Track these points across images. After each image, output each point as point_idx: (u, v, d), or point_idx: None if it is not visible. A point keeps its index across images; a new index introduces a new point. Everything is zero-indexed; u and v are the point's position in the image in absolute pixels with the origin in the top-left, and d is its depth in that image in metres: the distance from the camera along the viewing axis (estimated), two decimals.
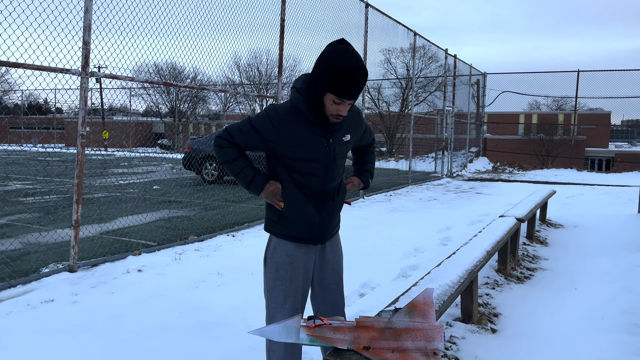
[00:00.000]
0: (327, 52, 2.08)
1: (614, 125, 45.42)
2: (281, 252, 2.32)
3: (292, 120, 2.19)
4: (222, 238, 6.16)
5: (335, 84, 2.05)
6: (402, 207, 9.23)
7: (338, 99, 2.09)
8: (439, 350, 1.90)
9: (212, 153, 11.91)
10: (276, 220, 2.32)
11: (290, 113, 2.20)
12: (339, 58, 2.04)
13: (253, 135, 2.22)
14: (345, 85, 2.05)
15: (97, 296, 4.04)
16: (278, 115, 2.18)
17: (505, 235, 4.60)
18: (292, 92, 2.23)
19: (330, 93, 2.08)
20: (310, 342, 1.99)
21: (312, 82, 2.12)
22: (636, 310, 3.96)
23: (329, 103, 2.12)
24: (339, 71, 2.02)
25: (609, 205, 10.15)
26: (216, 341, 3.27)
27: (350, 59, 2.03)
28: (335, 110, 2.13)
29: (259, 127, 2.20)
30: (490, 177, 16.47)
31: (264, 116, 2.20)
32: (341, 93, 2.06)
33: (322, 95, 2.10)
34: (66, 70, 4.42)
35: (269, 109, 2.22)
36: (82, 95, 4.55)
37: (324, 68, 2.06)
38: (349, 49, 2.06)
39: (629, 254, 5.84)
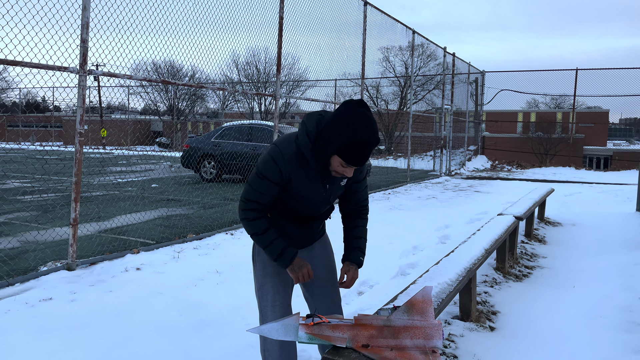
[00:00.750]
0: (347, 115, 2.00)
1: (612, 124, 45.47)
2: None
3: (296, 164, 2.15)
4: (221, 236, 6.16)
5: (348, 152, 2.00)
6: (400, 206, 9.23)
7: (346, 164, 2.06)
8: (437, 348, 1.90)
9: (210, 151, 11.90)
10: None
11: (296, 157, 2.14)
12: (358, 128, 1.96)
13: (271, 187, 2.17)
14: (358, 156, 2.01)
15: (95, 294, 4.04)
16: (284, 160, 2.13)
17: (503, 233, 4.60)
18: (301, 133, 2.13)
19: (339, 157, 2.04)
20: (308, 340, 1.99)
21: (324, 139, 2.05)
22: (634, 308, 3.97)
23: (335, 163, 2.08)
24: (355, 142, 1.98)
25: (607, 204, 10.17)
26: (215, 339, 3.27)
27: (369, 130, 1.97)
28: (341, 171, 2.10)
29: (271, 176, 2.14)
30: (488, 175, 16.48)
31: (271, 163, 2.13)
32: (350, 161, 2.03)
33: (330, 156, 2.06)
34: (64, 68, 4.41)
35: (275, 154, 2.13)
36: (80, 93, 4.54)
37: (340, 133, 1.99)
38: (367, 117, 1.99)
39: (627, 252, 5.85)
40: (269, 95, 7.63)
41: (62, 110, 38.24)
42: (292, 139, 2.17)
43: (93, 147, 30.27)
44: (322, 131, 2.07)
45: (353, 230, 2.41)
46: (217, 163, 11.88)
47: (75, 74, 4.54)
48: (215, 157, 11.87)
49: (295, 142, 2.15)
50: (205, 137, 12.25)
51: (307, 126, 2.12)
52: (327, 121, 2.05)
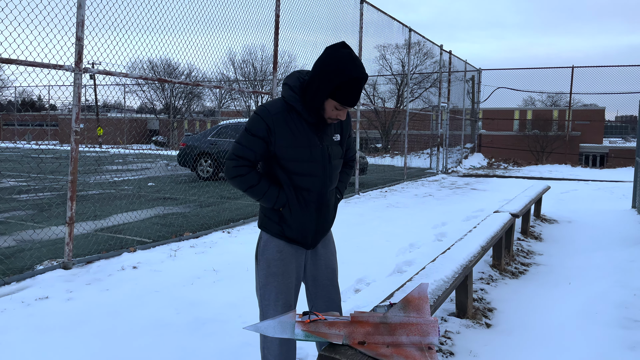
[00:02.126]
0: (332, 58, 2.06)
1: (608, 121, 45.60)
2: (272, 248, 2.32)
3: (284, 119, 2.18)
4: (218, 235, 6.16)
5: (341, 92, 2.06)
6: (397, 203, 9.24)
7: (340, 106, 2.10)
8: (433, 344, 1.91)
9: (207, 150, 11.88)
10: (275, 220, 2.31)
11: (283, 112, 2.19)
12: (346, 67, 2.03)
13: (258, 143, 2.20)
14: (350, 95, 2.06)
15: (92, 293, 4.03)
16: (270, 115, 2.17)
17: (499, 230, 4.61)
18: (285, 89, 2.20)
19: (333, 100, 2.08)
20: (305, 338, 2.00)
21: (314, 85, 2.10)
22: (629, 305, 3.99)
23: (329, 108, 2.12)
24: (346, 81, 2.03)
25: (603, 201, 10.20)
26: (212, 337, 3.27)
27: (357, 68, 2.03)
28: (335, 115, 2.15)
29: (257, 132, 2.18)
30: (485, 173, 16.52)
31: (257, 119, 2.18)
32: (345, 101, 2.08)
33: (324, 100, 2.10)
34: (59, 67, 4.40)
35: (260, 110, 2.19)
36: (76, 91, 4.52)
37: (330, 76, 2.04)
38: (353, 55, 2.04)
39: (622, 249, 5.87)
40: (265, 94, 7.62)
41: (58, 109, 38.10)
42: (277, 98, 2.25)
43: (89, 146, 30.20)
44: (311, 80, 2.12)
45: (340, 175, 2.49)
46: (213, 161, 11.86)
47: (70, 72, 4.53)
48: (212, 156, 11.86)
49: (280, 100, 2.22)
50: (202, 136, 12.23)
51: (288, 83, 2.20)
52: (315, 68, 2.10)
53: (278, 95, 7.44)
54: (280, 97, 2.24)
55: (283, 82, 2.23)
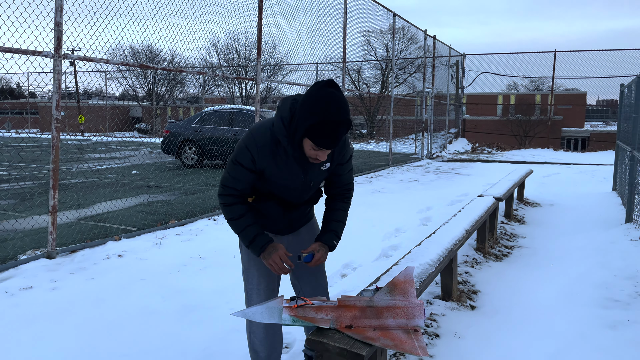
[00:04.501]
0: (312, 96, 1.95)
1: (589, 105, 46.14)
2: None
3: (271, 151, 2.12)
4: (204, 222, 6.14)
5: (314, 133, 1.95)
6: (383, 189, 9.29)
7: (316, 147, 2.01)
8: (419, 327, 1.94)
9: (191, 137, 11.78)
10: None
11: (270, 145, 2.11)
12: (322, 108, 1.91)
13: (246, 173, 2.15)
14: (324, 137, 1.95)
15: (77, 282, 4.00)
16: (257, 148, 2.10)
17: (484, 214, 4.67)
18: (276, 119, 2.10)
19: (309, 139, 1.99)
20: (293, 323, 2.01)
21: (294, 121, 2.02)
22: (610, 285, 4.08)
23: (307, 147, 2.04)
24: (320, 122, 1.92)
25: (585, 184, 10.37)
26: (199, 324, 3.27)
27: (333, 110, 1.91)
28: (314, 155, 2.05)
29: (243, 161, 2.12)
30: (469, 157, 16.65)
31: (244, 149, 2.12)
32: (319, 142, 1.97)
33: (301, 139, 2.02)
34: (38, 53, 4.31)
35: (248, 141, 2.11)
36: (56, 78, 4.44)
37: (306, 114, 1.95)
38: (334, 96, 1.93)
39: (603, 231, 5.99)
40: (249, 79, 7.57)
41: (38, 96, 37.39)
42: (267, 125, 2.14)
43: (71, 134, 29.73)
44: (292, 116, 2.04)
45: (333, 212, 2.37)
46: (198, 149, 11.77)
47: (50, 58, 4.43)
48: (196, 143, 11.76)
49: (270, 129, 2.12)
50: (186, 123, 12.11)
51: (281, 112, 2.09)
52: (299, 104, 2.01)
53: (262, 82, 7.38)
54: (270, 124, 2.14)
55: (278, 105, 2.13)
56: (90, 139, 24.44)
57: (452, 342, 3.10)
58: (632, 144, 6.40)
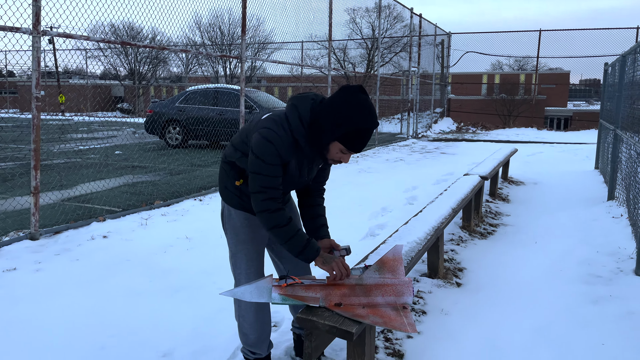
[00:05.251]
0: (349, 103, 1.95)
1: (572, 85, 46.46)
2: (238, 216, 2.31)
3: (293, 151, 2.09)
4: (189, 202, 6.09)
5: (349, 139, 1.98)
6: (369, 168, 9.30)
7: (346, 150, 2.03)
8: (408, 304, 1.95)
9: (175, 116, 11.62)
10: (236, 194, 2.28)
11: (292, 146, 2.07)
12: (361, 116, 1.94)
13: (280, 171, 2.06)
14: (360, 142, 1.99)
15: (61, 263, 3.96)
16: (285, 148, 2.04)
17: (469, 192, 4.70)
18: (293, 118, 2.05)
19: (340, 143, 2.00)
20: (282, 301, 2.01)
21: (325, 126, 1.99)
22: (592, 262, 4.15)
23: (334, 150, 2.03)
24: (357, 130, 1.95)
25: (567, 163, 10.50)
26: (186, 304, 3.26)
27: (371, 118, 1.97)
28: (338, 157, 2.06)
29: (276, 160, 2.03)
30: (454, 137, 16.72)
31: (271, 149, 2.01)
32: (352, 147, 2.00)
33: (330, 142, 2.01)
34: (16, 29, 4.18)
35: (273, 138, 2.01)
36: (35, 55, 4.32)
37: (343, 120, 1.95)
38: (369, 103, 1.97)
39: (585, 209, 6.08)
40: (234, 58, 7.45)
41: (17, 75, 36.50)
42: (282, 122, 2.06)
43: (52, 114, 29.14)
44: (320, 117, 2.00)
45: (316, 208, 2.36)
46: (182, 128, 11.63)
47: (28, 34, 4.31)
48: (180, 123, 11.61)
49: (288, 128, 2.06)
50: (169, 102, 11.94)
51: (300, 111, 2.05)
52: (326, 107, 1.99)
53: (247, 60, 7.27)
54: (285, 121, 2.07)
55: (293, 103, 2.07)
56: (72, 118, 24.00)
57: (438, 318, 3.14)
58: (615, 122, 6.47)
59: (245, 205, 2.28)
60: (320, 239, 2.33)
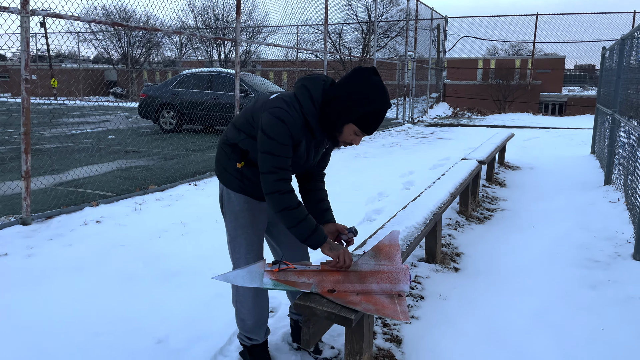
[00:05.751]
0: (364, 85, 1.95)
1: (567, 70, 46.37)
2: (238, 199, 2.24)
3: (304, 133, 2.05)
4: (184, 187, 6.02)
5: (366, 121, 1.98)
6: (365, 154, 9.24)
7: (360, 132, 2.02)
8: (404, 292, 1.89)
9: (169, 100, 11.48)
10: (236, 177, 2.21)
11: (303, 127, 2.03)
12: (377, 97, 1.95)
13: (289, 150, 2.01)
14: (375, 124, 2.01)
15: (53, 249, 3.89)
16: (297, 128, 1.99)
17: (467, 177, 4.65)
18: (304, 99, 2.01)
19: (355, 125, 2.00)
20: (274, 287, 1.96)
21: (339, 107, 1.97)
22: (590, 246, 4.13)
23: (348, 132, 2.03)
24: (374, 111, 1.96)
25: (563, 147, 10.48)
26: (182, 288, 3.22)
27: (385, 99, 1.98)
28: (350, 140, 2.06)
29: (285, 140, 1.97)
30: (450, 122, 16.66)
31: (283, 128, 1.96)
32: (367, 129, 2.01)
33: (344, 124, 2.00)
34: (4, 8, 4.06)
35: (286, 118, 1.96)
36: (24, 36, 4.21)
37: (360, 102, 1.95)
38: (383, 85, 1.98)
39: (582, 193, 6.06)
40: (228, 40, 7.33)
41: (8, 60, 35.98)
42: (293, 103, 2.02)
43: (44, 99, 28.78)
44: (334, 100, 1.99)
45: (318, 192, 2.31)
46: (176, 113, 11.50)
47: (16, 14, 4.19)
48: (174, 107, 11.48)
49: (299, 109, 2.02)
50: (163, 86, 11.78)
51: (311, 92, 2.02)
52: (341, 89, 1.98)
53: (241, 43, 7.15)
54: (295, 101, 2.02)
55: (303, 84, 2.03)
56: (64, 103, 23.71)
57: (436, 303, 3.11)
58: (613, 106, 6.42)
59: (245, 189, 2.22)
60: (325, 224, 2.28)
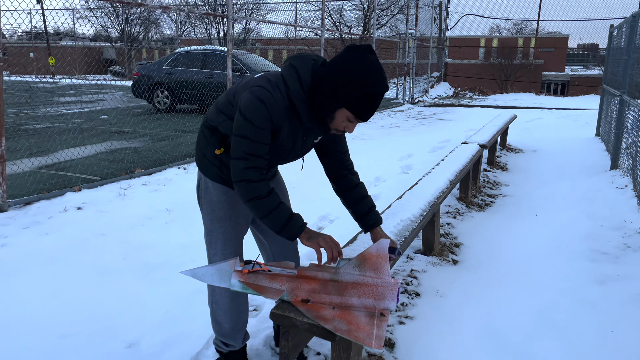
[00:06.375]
0: (359, 65, 1.66)
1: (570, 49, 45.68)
2: (215, 190, 2.00)
3: (287, 117, 1.79)
4: (173, 171, 5.78)
5: (360, 105, 1.71)
6: (362, 135, 8.98)
7: (354, 118, 1.75)
8: (388, 310, 1.65)
9: (162, 79, 11.17)
10: (215, 165, 1.97)
11: (286, 109, 1.77)
12: (372, 79, 1.68)
13: (266, 135, 1.76)
14: (370, 108, 1.73)
15: (29, 238, 3.68)
16: (278, 110, 1.74)
17: (468, 163, 4.41)
18: (292, 80, 1.75)
19: (348, 110, 1.72)
20: (242, 289, 1.74)
21: (331, 90, 1.70)
22: (596, 236, 3.91)
23: (340, 118, 1.75)
24: (369, 95, 1.69)
25: (567, 129, 10.20)
26: (161, 284, 3.00)
27: (382, 81, 1.70)
28: (343, 127, 1.79)
29: (263, 123, 1.73)
30: (451, 102, 16.33)
31: (262, 109, 1.72)
32: (361, 115, 1.74)
33: (336, 109, 1.73)
34: None
35: (266, 98, 1.72)
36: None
37: (353, 84, 1.66)
38: (379, 65, 1.70)
39: (587, 178, 5.82)
40: (221, 16, 7.01)
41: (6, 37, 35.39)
42: (278, 83, 1.77)
43: (40, 77, 28.33)
44: (324, 81, 1.72)
45: (355, 190, 2.06)
46: (170, 92, 11.19)
47: None
48: (168, 86, 11.17)
49: (285, 90, 1.76)
50: (157, 64, 11.45)
51: (299, 73, 1.75)
52: (333, 69, 1.70)
53: (235, 20, 6.83)
54: (281, 82, 1.78)
55: (291, 63, 1.77)
56: (60, 81, 23.33)
57: (433, 300, 2.90)
58: (622, 87, 6.14)
59: (224, 178, 1.98)
60: (371, 227, 2.05)
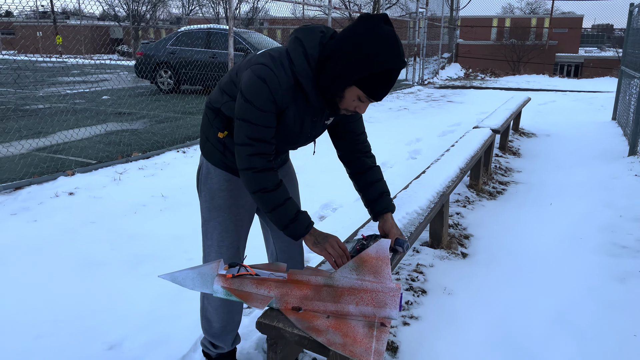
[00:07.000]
0: (373, 37, 1.45)
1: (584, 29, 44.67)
2: (217, 176, 1.81)
3: (292, 96, 1.58)
4: (171, 154, 5.58)
5: (373, 83, 1.50)
6: (370, 118, 8.71)
7: (366, 98, 1.53)
8: (389, 319, 1.44)
9: (166, 59, 10.91)
10: (219, 149, 1.78)
11: (292, 89, 1.56)
12: (388, 53, 1.46)
13: (271, 119, 1.57)
14: (385, 87, 1.52)
15: (15, 225, 3.51)
16: (281, 91, 1.54)
17: (480, 149, 4.16)
18: (296, 55, 1.55)
19: (359, 89, 1.51)
20: (226, 296, 1.54)
21: (339, 66, 1.49)
22: (616, 228, 3.67)
23: (351, 97, 1.54)
24: (384, 71, 1.48)
25: (582, 112, 9.85)
26: (148, 279, 2.82)
27: (398, 57, 1.48)
28: (353, 107, 1.59)
29: (267, 105, 1.54)
30: (462, 84, 15.94)
31: (265, 91, 1.53)
32: (374, 94, 1.53)
33: (346, 87, 1.52)
34: None
35: (268, 77, 1.53)
36: None
37: (367, 60, 1.45)
38: (395, 37, 1.48)
39: (604, 164, 5.55)
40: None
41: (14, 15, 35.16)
42: (282, 60, 1.56)
43: (45, 56, 28.12)
44: (333, 55, 1.50)
45: (368, 173, 1.87)
46: (174, 72, 10.95)
47: None
48: (171, 66, 10.92)
49: (289, 67, 1.56)
50: (160, 44, 11.19)
51: (305, 47, 1.54)
52: (342, 42, 1.48)
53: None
54: (286, 58, 1.57)
55: (297, 36, 1.56)
56: (66, 61, 23.12)
57: (441, 299, 2.69)
58: None
59: (228, 164, 1.79)
60: (380, 214, 1.85)
